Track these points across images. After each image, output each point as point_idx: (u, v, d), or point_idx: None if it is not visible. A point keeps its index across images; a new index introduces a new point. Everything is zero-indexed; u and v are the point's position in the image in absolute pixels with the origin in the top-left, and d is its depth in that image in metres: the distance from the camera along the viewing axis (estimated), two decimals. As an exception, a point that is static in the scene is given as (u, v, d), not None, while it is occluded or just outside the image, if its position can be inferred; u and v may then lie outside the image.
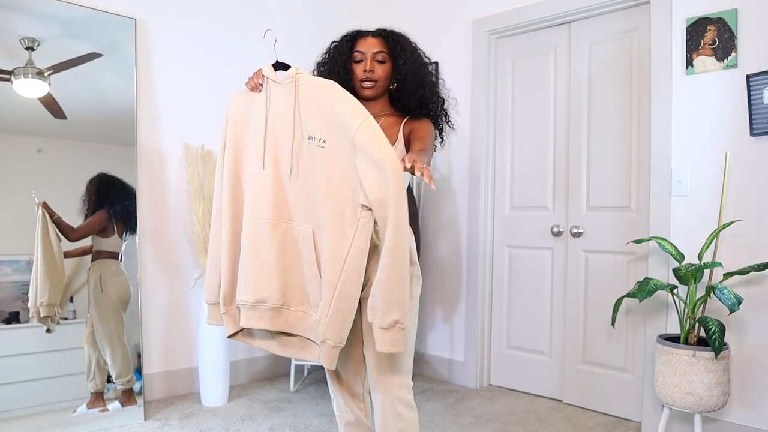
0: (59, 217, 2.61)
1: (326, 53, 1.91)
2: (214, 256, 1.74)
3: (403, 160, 1.51)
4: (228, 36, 3.29)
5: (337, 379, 1.90)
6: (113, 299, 2.72)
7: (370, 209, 1.52)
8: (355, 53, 1.83)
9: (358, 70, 1.83)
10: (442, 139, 2.00)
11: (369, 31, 1.87)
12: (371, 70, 1.81)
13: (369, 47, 1.82)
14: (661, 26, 2.66)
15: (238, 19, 3.33)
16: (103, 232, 2.73)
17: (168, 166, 3.07)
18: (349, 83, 1.82)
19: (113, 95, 2.80)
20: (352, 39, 1.86)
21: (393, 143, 1.82)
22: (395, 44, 1.82)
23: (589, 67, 3.03)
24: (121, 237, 2.78)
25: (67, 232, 2.63)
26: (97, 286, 2.69)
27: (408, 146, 1.83)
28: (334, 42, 1.90)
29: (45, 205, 2.56)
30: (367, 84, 1.82)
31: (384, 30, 1.87)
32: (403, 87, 1.84)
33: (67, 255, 2.63)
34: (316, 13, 3.69)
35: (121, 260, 2.78)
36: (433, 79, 1.91)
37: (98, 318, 2.68)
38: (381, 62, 1.82)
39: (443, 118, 1.95)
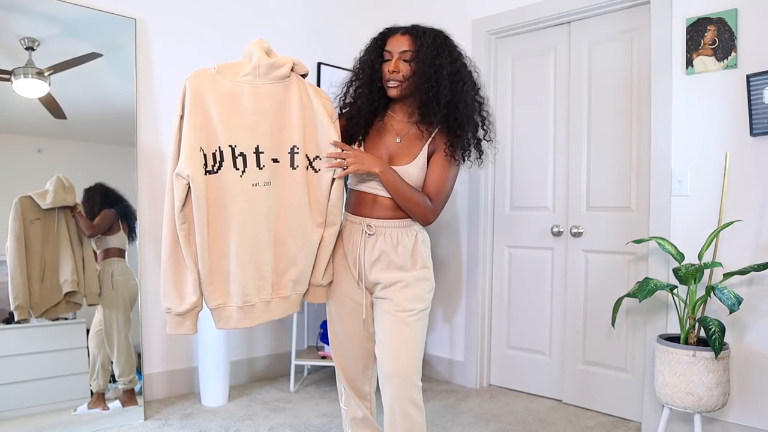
0: (80, 210, 2.65)
1: (361, 51, 1.85)
2: None
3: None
4: (228, 36, 3.29)
5: (345, 377, 1.90)
6: (124, 298, 2.72)
7: None
8: (385, 52, 1.78)
9: (386, 69, 1.77)
10: (468, 161, 1.81)
11: (399, 29, 1.80)
12: (395, 70, 1.74)
13: (396, 46, 1.76)
14: (661, 26, 2.66)
15: (237, 19, 3.33)
16: (109, 230, 2.74)
17: (168, 166, 3.05)
18: (377, 83, 1.78)
19: (113, 95, 2.80)
20: (382, 37, 1.81)
21: (413, 158, 1.77)
22: (419, 43, 1.73)
23: (589, 67, 3.03)
24: (126, 234, 2.79)
25: (85, 226, 2.65)
26: (108, 284, 2.69)
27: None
28: (372, 38, 1.84)
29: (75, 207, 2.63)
30: (391, 84, 1.76)
31: (415, 27, 1.78)
32: (427, 88, 1.72)
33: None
34: (316, 15, 3.69)
35: (125, 259, 2.79)
36: (467, 83, 1.75)
37: (108, 317, 2.68)
38: (407, 61, 1.74)
39: (467, 135, 1.76)
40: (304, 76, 1.76)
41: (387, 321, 1.74)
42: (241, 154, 1.64)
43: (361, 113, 1.80)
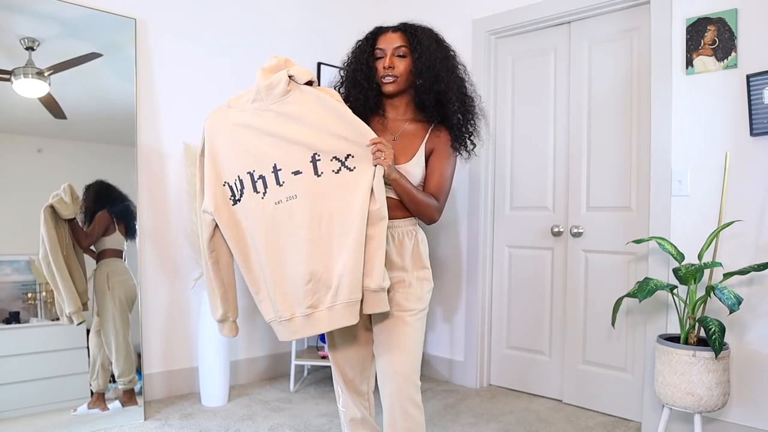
0: (77, 221, 2.67)
1: (351, 53, 1.89)
2: None
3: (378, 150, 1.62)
4: (228, 36, 3.29)
5: (342, 377, 1.90)
6: (120, 298, 2.72)
7: None
8: (377, 50, 1.82)
9: (380, 66, 1.81)
10: (466, 153, 1.88)
11: (390, 27, 1.85)
12: (391, 66, 1.78)
13: (389, 43, 1.80)
14: (661, 26, 2.66)
15: (237, 18, 3.33)
16: (105, 231, 2.74)
17: (168, 166, 3.07)
18: (373, 80, 1.82)
19: (113, 95, 2.80)
20: (373, 36, 1.85)
21: (411, 156, 1.78)
22: (413, 38, 1.79)
23: (589, 67, 3.03)
24: (123, 235, 2.79)
25: (80, 238, 2.66)
26: (104, 285, 2.69)
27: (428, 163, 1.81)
28: (359, 41, 1.88)
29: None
30: (387, 79, 1.79)
31: (405, 24, 1.85)
32: (422, 82, 1.79)
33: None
34: (316, 14, 3.69)
35: (124, 259, 2.79)
36: (459, 75, 1.83)
37: (105, 317, 2.68)
38: (402, 56, 1.79)
39: (465, 126, 1.84)
40: (310, 83, 1.72)
41: (387, 321, 1.75)
42: (261, 177, 1.67)
43: (357, 112, 1.78)
